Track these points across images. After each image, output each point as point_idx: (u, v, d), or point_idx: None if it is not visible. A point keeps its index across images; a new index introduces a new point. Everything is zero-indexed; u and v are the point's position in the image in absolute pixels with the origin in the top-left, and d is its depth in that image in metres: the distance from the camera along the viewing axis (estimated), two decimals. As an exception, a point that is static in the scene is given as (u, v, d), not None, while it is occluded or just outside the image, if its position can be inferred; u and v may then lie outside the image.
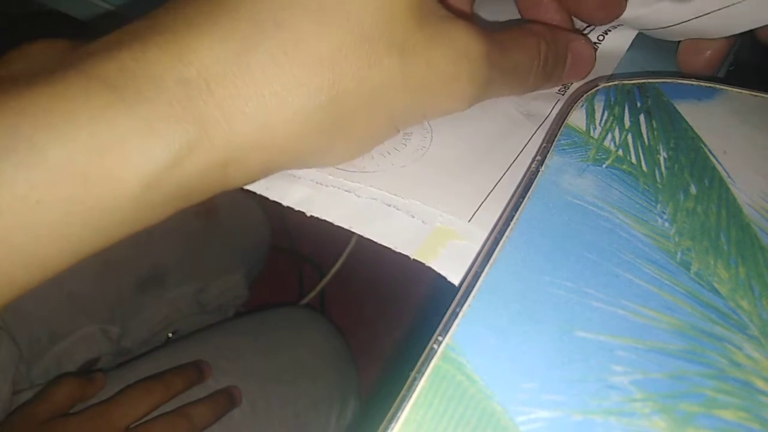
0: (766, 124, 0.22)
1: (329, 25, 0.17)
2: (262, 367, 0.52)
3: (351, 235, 0.19)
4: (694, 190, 0.20)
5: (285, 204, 0.20)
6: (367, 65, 0.17)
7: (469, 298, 0.16)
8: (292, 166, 0.19)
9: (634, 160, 0.21)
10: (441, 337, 0.15)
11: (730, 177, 0.20)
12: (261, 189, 0.21)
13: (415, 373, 0.15)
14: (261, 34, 0.16)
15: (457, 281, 0.18)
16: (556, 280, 0.17)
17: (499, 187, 0.21)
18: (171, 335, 0.60)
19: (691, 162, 0.21)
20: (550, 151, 0.21)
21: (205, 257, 0.63)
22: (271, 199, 0.21)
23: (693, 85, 0.24)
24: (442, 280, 0.20)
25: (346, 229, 0.19)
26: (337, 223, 0.20)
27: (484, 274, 0.17)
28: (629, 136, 0.21)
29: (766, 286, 0.17)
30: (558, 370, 0.15)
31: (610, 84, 0.23)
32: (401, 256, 0.19)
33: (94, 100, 0.15)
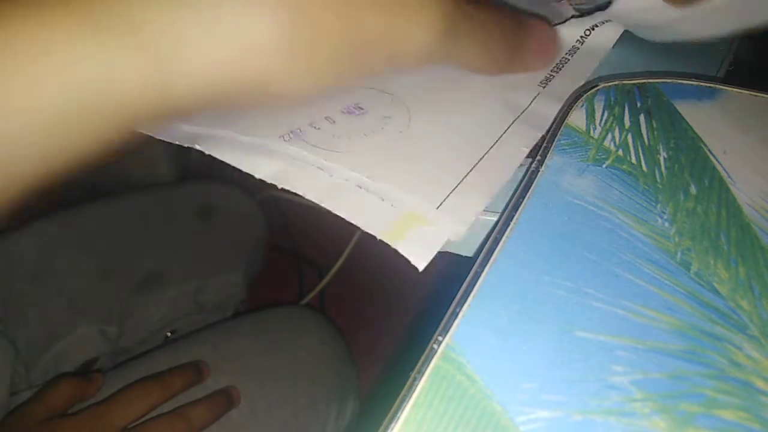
0: (766, 124, 0.22)
1: None
2: (261, 367, 0.52)
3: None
4: (694, 190, 0.20)
5: (258, 177, 0.20)
6: None
7: (469, 298, 0.16)
8: (248, 90, 0.18)
9: (634, 160, 0.21)
10: (441, 337, 0.15)
11: (730, 177, 0.20)
12: (236, 162, 0.21)
13: (415, 373, 0.15)
14: None
15: (421, 265, 0.18)
16: (556, 280, 0.17)
17: (471, 176, 0.21)
18: (169, 335, 0.60)
19: (691, 162, 0.21)
20: (550, 151, 0.21)
21: (203, 257, 0.62)
22: (244, 171, 0.20)
23: (693, 85, 0.24)
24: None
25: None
26: (307, 197, 0.19)
27: (484, 274, 0.17)
28: (629, 136, 0.21)
29: (766, 286, 0.17)
30: (558, 370, 0.15)
31: (610, 84, 0.23)
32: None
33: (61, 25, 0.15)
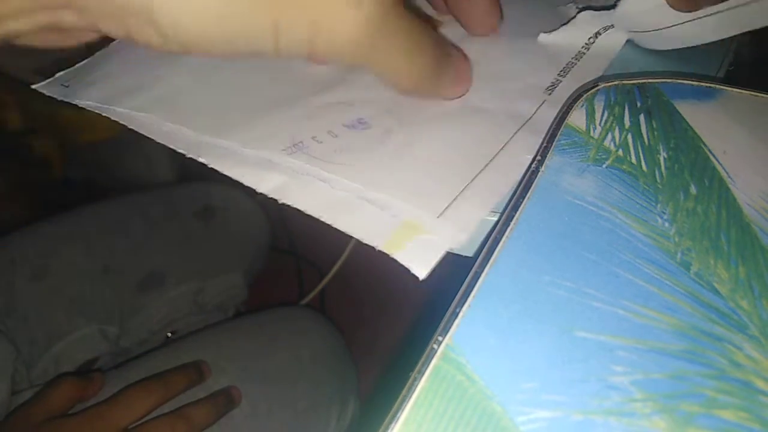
0: (766, 124, 0.22)
1: None
2: (261, 368, 0.52)
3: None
4: (694, 190, 0.20)
5: (260, 191, 0.20)
6: None
7: (469, 298, 0.16)
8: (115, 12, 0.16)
9: (634, 160, 0.21)
10: (441, 337, 0.15)
11: (730, 177, 0.20)
12: (238, 175, 0.21)
13: (415, 373, 0.15)
14: None
15: (422, 274, 0.18)
16: (556, 280, 0.17)
17: (472, 185, 0.21)
18: (170, 335, 0.60)
19: (691, 162, 0.21)
20: (550, 151, 0.21)
21: (204, 257, 0.63)
22: (246, 185, 0.21)
23: (693, 85, 0.24)
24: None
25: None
26: (308, 212, 0.20)
27: (484, 274, 0.17)
28: (629, 136, 0.21)
29: (766, 286, 0.17)
30: (558, 370, 0.15)
31: (610, 84, 0.23)
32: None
33: None
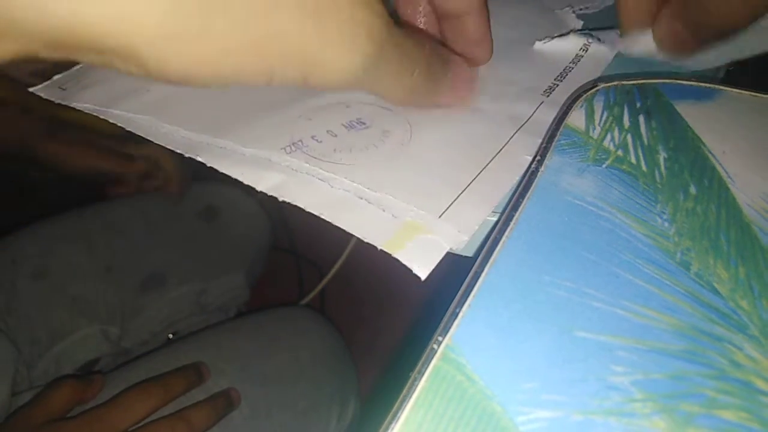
0: (766, 124, 0.22)
1: None
2: (261, 369, 0.52)
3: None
4: (693, 190, 0.20)
5: (259, 189, 0.21)
6: None
7: (469, 298, 0.16)
8: (111, 49, 0.15)
9: (633, 160, 0.21)
10: (441, 338, 0.15)
11: (729, 177, 0.20)
12: (237, 174, 0.21)
13: (415, 374, 0.15)
14: None
15: (423, 274, 0.18)
16: (556, 280, 0.17)
17: (473, 186, 0.21)
18: (171, 336, 0.60)
19: (691, 162, 0.21)
20: (550, 151, 0.21)
21: (205, 258, 0.63)
22: (245, 183, 0.21)
23: (693, 85, 0.24)
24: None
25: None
26: (308, 209, 0.20)
27: (484, 274, 0.17)
28: (629, 137, 0.21)
29: (766, 286, 0.17)
30: (558, 370, 0.15)
31: (610, 84, 0.23)
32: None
33: None
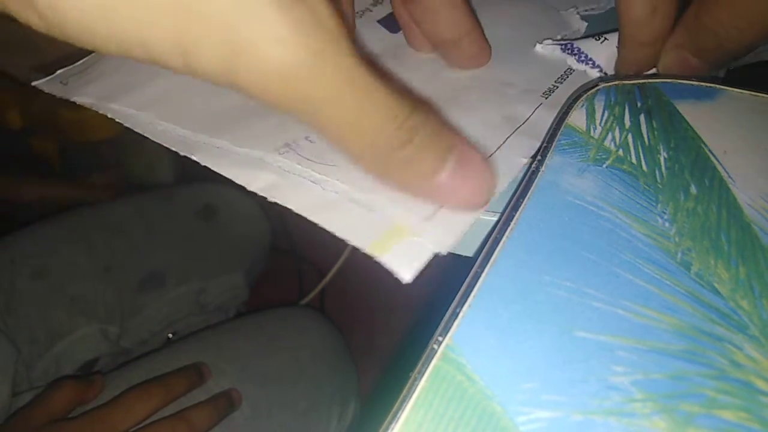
0: (766, 124, 0.22)
1: None
2: (262, 369, 0.52)
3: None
4: (694, 190, 0.20)
5: (251, 189, 0.21)
6: None
7: (469, 298, 0.16)
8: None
9: (634, 160, 0.21)
10: (441, 338, 0.15)
11: (730, 177, 0.20)
12: (230, 174, 0.21)
13: (415, 374, 0.15)
14: None
15: (407, 278, 0.18)
16: (556, 280, 0.17)
17: None
18: (171, 336, 0.60)
19: (692, 162, 0.21)
20: (550, 151, 0.21)
21: (204, 257, 0.63)
22: (237, 183, 0.21)
23: (693, 85, 0.24)
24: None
25: None
26: (296, 211, 0.20)
27: (484, 274, 0.17)
28: (629, 136, 0.21)
29: (767, 286, 0.17)
30: (558, 370, 0.15)
31: (610, 84, 0.23)
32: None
33: None
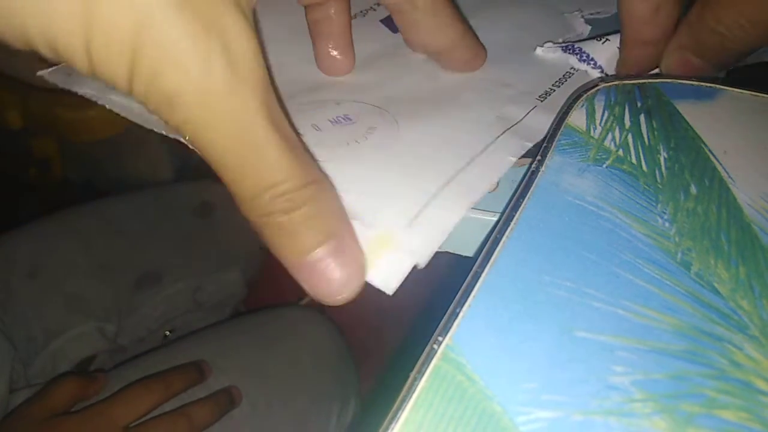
0: (766, 124, 0.22)
1: None
2: (262, 367, 0.52)
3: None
4: (694, 190, 0.20)
5: None
6: None
7: (469, 298, 0.16)
8: None
9: (634, 160, 0.21)
10: (441, 338, 0.15)
11: (730, 177, 0.20)
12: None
13: (415, 374, 0.15)
14: None
15: (391, 291, 0.17)
16: (556, 280, 0.17)
17: (449, 187, 0.20)
18: (168, 333, 0.60)
19: (692, 162, 0.21)
20: (550, 151, 0.21)
21: (201, 255, 0.63)
22: None
23: (693, 85, 0.24)
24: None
25: None
26: None
27: (484, 274, 0.17)
28: (629, 136, 0.21)
29: (766, 286, 0.17)
30: (558, 370, 0.15)
31: (611, 84, 0.23)
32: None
33: None
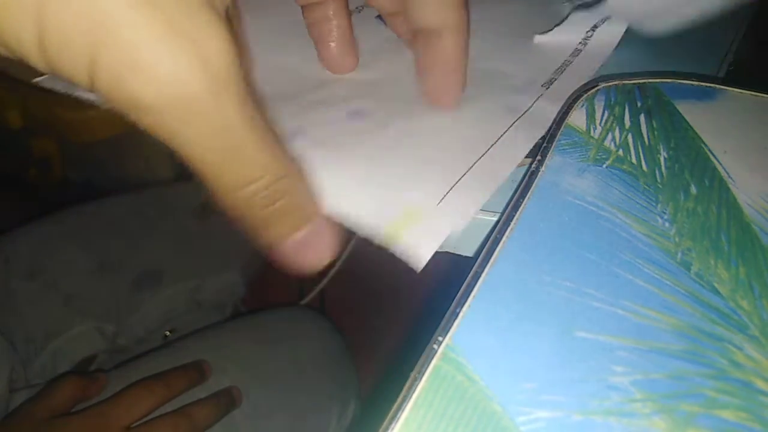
0: (766, 124, 0.22)
1: None
2: (262, 368, 0.52)
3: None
4: (694, 190, 0.20)
5: None
6: None
7: (469, 299, 0.16)
8: None
9: (634, 160, 0.21)
10: (441, 338, 0.15)
11: (730, 177, 0.20)
12: None
13: (415, 374, 0.15)
14: None
15: (420, 264, 0.18)
16: (556, 280, 0.17)
17: (470, 174, 0.21)
18: (168, 334, 0.60)
19: (692, 162, 0.21)
20: (550, 151, 0.21)
21: (201, 255, 0.63)
22: None
23: (693, 85, 0.24)
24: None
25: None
26: None
27: (484, 274, 0.17)
28: (629, 136, 0.21)
29: (767, 286, 0.17)
30: (558, 370, 0.15)
31: (610, 84, 0.23)
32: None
33: None
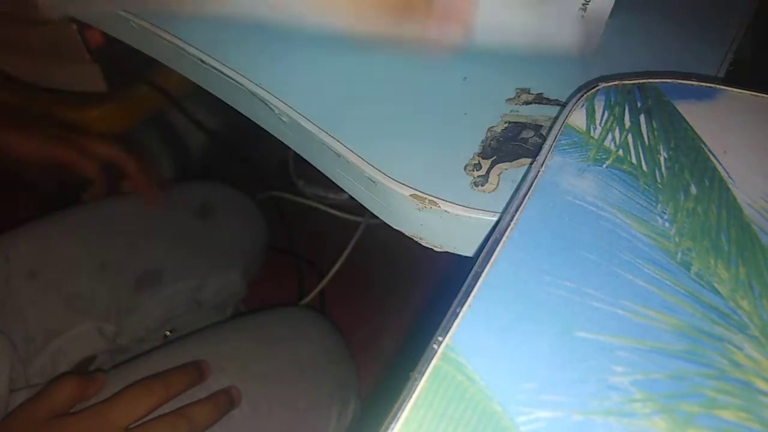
0: (766, 124, 0.22)
1: None
2: (262, 368, 0.52)
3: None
4: (694, 190, 0.20)
5: None
6: None
7: (469, 299, 0.16)
8: None
9: (634, 160, 0.21)
10: (441, 338, 0.15)
11: (730, 177, 0.20)
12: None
13: (416, 373, 0.15)
14: None
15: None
16: (556, 280, 0.17)
17: None
18: (168, 334, 0.60)
19: (692, 162, 0.21)
20: (550, 151, 0.21)
21: (201, 255, 0.62)
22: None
23: (693, 85, 0.24)
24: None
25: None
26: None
27: (484, 274, 0.17)
28: (629, 136, 0.21)
29: (766, 286, 0.17)
30: (558, 370, 0.15)
31: (611, 84, 0.23)
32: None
33: None
